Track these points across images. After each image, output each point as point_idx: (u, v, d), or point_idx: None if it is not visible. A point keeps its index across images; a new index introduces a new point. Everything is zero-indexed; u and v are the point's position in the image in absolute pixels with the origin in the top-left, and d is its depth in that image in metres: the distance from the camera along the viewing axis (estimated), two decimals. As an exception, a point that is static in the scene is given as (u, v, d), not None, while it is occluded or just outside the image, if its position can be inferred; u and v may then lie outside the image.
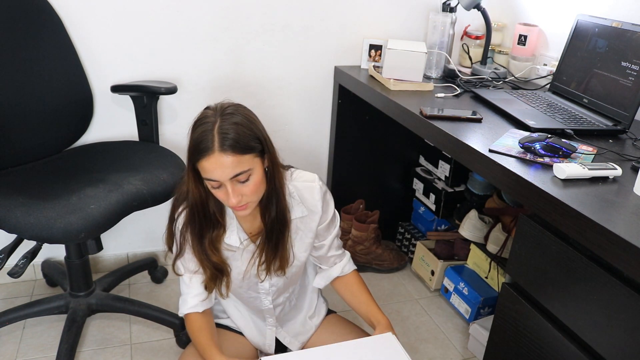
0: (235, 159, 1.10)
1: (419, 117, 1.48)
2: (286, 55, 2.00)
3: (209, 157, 1.10)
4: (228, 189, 1.12)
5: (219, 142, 1.09)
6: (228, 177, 1.11)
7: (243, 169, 1.12)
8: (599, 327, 0.96)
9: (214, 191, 1.16)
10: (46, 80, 1.64)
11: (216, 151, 1.09)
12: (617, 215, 0.95)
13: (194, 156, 1.13)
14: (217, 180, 1.12)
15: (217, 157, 1.09)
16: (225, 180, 1.12)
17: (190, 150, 1.14)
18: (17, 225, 1.29)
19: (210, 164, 1.10)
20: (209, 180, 1.14)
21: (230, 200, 1.13)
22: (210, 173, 1.11)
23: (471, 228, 1.83)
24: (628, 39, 1.45)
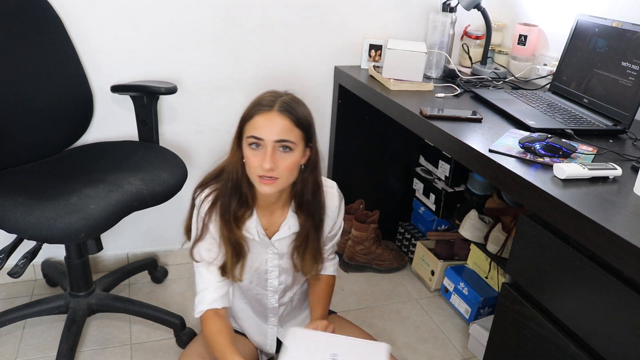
0: (289, 125, 1.15)
1: (419, 117, 1.48)
2: (286, 55, 2.00)
3: (265, 113, 1.14)
4: (267, 151, 1.14)
5: (280, 105, 1.15)
6: (274, 137, 1.14)
7: (290, 138, 1.15)
8: (599, 327, 0.96)
9: (251, 153, 1.17)
10: (46, 80, 1.63)
11: (274, 110, 1.14)
12: (617, 215, 0.95)
13: (248, 114, 1.16)
14: (263, 138, 1.14)
15: (274, 115, 1.14)
16: (269, 141, 1.14)
17: (246, 111, 1.17)
18: (17, 225, 1.29)
19: (264, 120, 1.14)
20: (254, 137, 1.15)
21: (265, 163, 1.14)
22: (260, 129, 1.14)
23: (471, 228, 1.83)
24: (628, 39, 1.45)
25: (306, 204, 1.27)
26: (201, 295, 1.29)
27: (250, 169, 1.18)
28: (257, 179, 1.18)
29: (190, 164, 2.03)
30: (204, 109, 1.98)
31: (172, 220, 2.11)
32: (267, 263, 1.32)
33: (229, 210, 1.23)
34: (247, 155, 1.17)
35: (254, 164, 1.16)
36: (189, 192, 2.03)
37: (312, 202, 1.27)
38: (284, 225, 1.29)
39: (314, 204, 1.28)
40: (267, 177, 1.16)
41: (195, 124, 1.99)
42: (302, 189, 1.25)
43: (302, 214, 1.28)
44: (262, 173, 1.15)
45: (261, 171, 1.15)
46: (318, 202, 1.29)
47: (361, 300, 2.02)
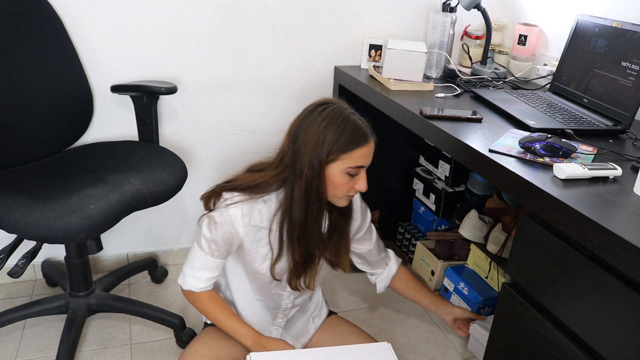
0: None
1: (419, 117, 1.48)
2: (286, 55, 2.00)
3: (367, 145, 1.22)
4: (364, 176, 1.23)
5: (371, 131, 1.23)
6: (370, 162, 1.24)
7: None
8: (599, 327, 0.96)
9: (343, 182, 1.22)
10: (46, 81, 1.64)
11: (371, 139, 1.23)
12: (617, 215, 0.95)
13: (349, 145, 1.19)
14: (365, 166, 1.23)
15: (372, 144, 1.23)
16: (366, 167, 1.23)
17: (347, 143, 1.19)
18: (17, 225, 1.29)
19: (367, 151, 1.22)
20: (357, 167, 1.21)
21: (363, 186, 1.23)
22: (363, 159, 1.22)
23: (471, 228, 1.83)
24: (628, 39, 1.45)
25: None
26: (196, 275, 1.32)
27: (339, 191, 1.24)
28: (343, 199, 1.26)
29: (190, 164, 2.03)
30: (204, 109, 1.98)
31: (172, 220, 2.11)
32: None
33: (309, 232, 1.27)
34: (341, 182, 1.22)
35: (347, 187, 1.23)
36: (189, 192, 2.05)
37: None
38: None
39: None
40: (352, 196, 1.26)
41: (195, 124, 1.99)
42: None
43: (335, 211, 1.34)
44: (354, 194, 1.26)
45: (354, 192, 1.25)
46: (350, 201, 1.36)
47: (361, 300, 2.02)
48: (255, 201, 1.26)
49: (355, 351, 1.26)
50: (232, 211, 1.25)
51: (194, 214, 2.13)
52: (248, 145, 2.08)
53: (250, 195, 1.26)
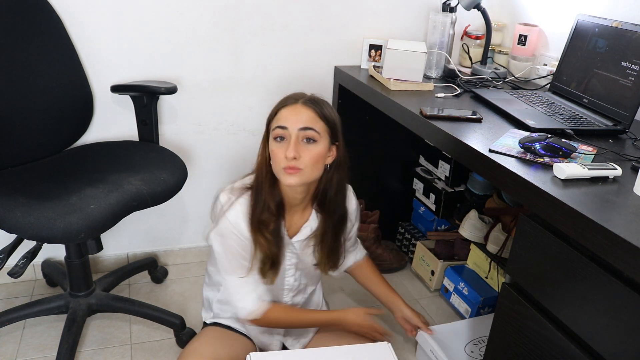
0: (313, 115, 1.19)
1: (419, 117, 1.48)
2: (286, 55, 2.00)
3: (290, 106, 1.20)
4: (291, 141, 1.17)
5: (306, 99, 1.21)
6: (298, 126, 1.18)
7: (314, 126, 1.19)
8: (599, 327, 0.96)
9: (276, 147, 1.19)
10: (46, 80, 1.64)
11: (299, 103, 1.20)
12: (617, 215, 0.95)
13: (274, 110, 1.21)
14: (287, 127, 1.18)
15: (298, 106, 1.20)
16: (293, 130, 1.17)
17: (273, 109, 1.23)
18: (17, 225, 1.29)
19: (289, 111, 1.19)
20: (279, 127, 1.18)
21: (289, 151, 1.16)
22: (284, 119, 1.18)
23: (471, 228, 1.83)
24: (628, 39, 1.45)
25: (328, 202, 1.30)
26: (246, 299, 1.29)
27: (276, 162, 1.20)
28: (282, 172, 1.19)
29: (190, 164, 2.03)
30: (204, 109, 1.98)
31: (172, 220, 2.11)
32: (285, 261, 1.33)
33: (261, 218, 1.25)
34: (273, 150, 1.20)
35: (279, 156, 1.19)
36: (189, 192, 2.05)
37: (334, 200, 1.30)
38: (306, 226, 1.32)
39: (336, 202, 1.31)
40: (291, 168, 1.17)
41: (195, 124, 1.99)
42: (326, 188, 1.28)
43: (323, 212, 1.31)
44: (286, 164, 1.17)
45: (285, 162, 1.17)
46: (340, 202, 1.33)
47: (361, 300, 2.01)
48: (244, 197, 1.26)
49: (355, 351, 1.26)
50: (231, 215, 1.24)
51: (194, 214, 2.13)
52: (248, 145, 2.08)
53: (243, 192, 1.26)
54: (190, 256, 2.18)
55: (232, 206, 1.25)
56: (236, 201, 1.25)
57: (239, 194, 1.27)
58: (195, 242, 2.18)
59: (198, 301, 1.94)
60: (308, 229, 1.32)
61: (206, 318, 1.49)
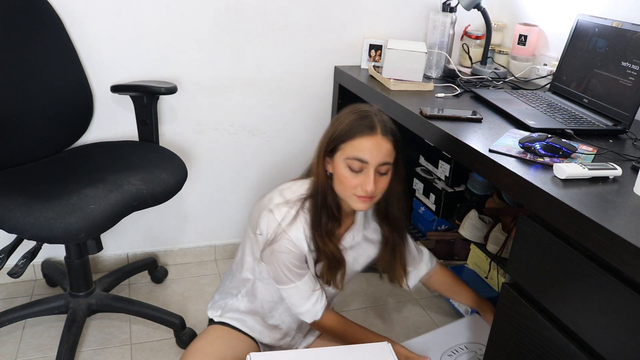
0: (391, 148, 1.16)
1: (419, 117, 1.48)
2: (286, 55, 2.00)
3: (370, 137, 1.13)
4: (370, 174, 1.14)
5: (383, 127, 1.15)
6: (379, 161, 1.14)
7: (390, 160, 1.17)
8: (599, 327, 0.96)
9: (347, 176, 1.16)
10: (46, 80, 1.64)
11: (379, 133, 1.14)
12: (617, 215, 0.95)
13: (348, 133, 1.14)
14: (367, 161, 1.14)
15: (379, 139, 1.14)
16: (373, 164, 1.14)
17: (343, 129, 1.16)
18: (17, 225, 1.29)
19: (370, 143, 1.13)
20: (358, 159, 1.14)
21: (369, 185, 1.14)
22: (364, 152, 1.13)
23: (471, 228, 1.83)
24: (628, 39, 1.45)
25: (391, 216, 1.28)
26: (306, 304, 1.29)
27: (347, 188, 1.18)
28: (353, 197, 1.19)
29: (190, 164, 2.03)
30: (204, 109, 1.98)
31: (172, 220, 2.12)
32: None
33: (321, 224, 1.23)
34: (344, 174, 1.16)
35: (352, 184, 1.16)
36: (189, 192, 2.05)
37: (397, 214, 1.29)
38: (349, 234, 1.31)
39: (399, 216, 1.29)
40: (367, 197, 1.17)
41: (195, 124, 1.99)
42: (387, 203, 1.26)
43: (386, 226, 1.30)
44: (362, 194, 1.16)
45: (362, 192, 1.16)
46: (402, 215, 1.30)
47: (361, 300, 2.02)
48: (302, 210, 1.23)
49: (355, 351, 1.26)
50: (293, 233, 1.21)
51: (194, 214, 2.13)
52: (248, 145, 2.08)
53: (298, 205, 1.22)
54: (190, 256, 2.18)
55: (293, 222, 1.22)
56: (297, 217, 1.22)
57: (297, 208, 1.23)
58: (195, 242, 2.18)
59: (198, 301, 1.94)
60: (351, 237, 1.32)
61: (213, 315, 1.48)
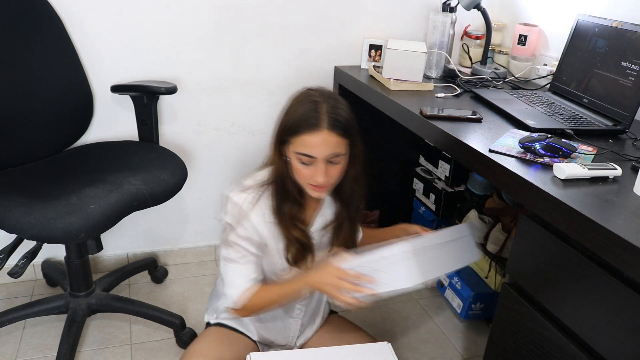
0: (338, 140, 1.16)
1: (419, 117, 1.48)
2: (286, 55, 2.00)
3: (316, 133, 1.14)
4: (320, 167, 1.16)
5: (329, 121, 1.14)
6: (326, 155, 1.15)
7: (341, 151, 1.17)
8: (599, 327, 0.96)
9: (299, 167, 1.17)
10: (46, 80, 1.64)
11: (325, 129, 1.14)
12: (617, 215, 0.95)
13: (295, 129, 1.15)
14: (315, 157, 1.15)
15: (325, 134, 1.14)
16: (321, 159, 1.15)
17: (290, 123, 1.16)
18: (17, 225, 1.29)
19: (315, 139, 1.14)
20: (305, 155, 1.15)
21: (319, 177, 1.16)
22: (311, 148, 1.14)
23: (471, 228, 1.83)
24: (628, 39, 1.45)
25: (342, 194, 1.30)
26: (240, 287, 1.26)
27: (301, 178, 1.20)
28: (308, 187, 1.20)
29: (190, 164, 2.03)
30: (204, 109, 1.98)
31: (172, 220, 2.12)
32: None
33: (284, 212, 1.24)
34: (297, 167, 1.18)
35: (305, 174, 1.18)
36: (189, 192, 2.05)
37: (350, 193, 1.30)
38: (320, 216, 1.31)
39: (352, 194, 1.30)
40: (320, 186, 1.19)
41: (195, 124, 1.99)
42: (341, 183, 1.27)
43: (338, 203, 1.31)
44: (315, 183, 1.18)
45: (314, 181, 1.18)
46: (357, 193, 1.31)
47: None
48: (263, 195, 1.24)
49: (355, 351, 1.26)
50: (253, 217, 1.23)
51: (194, 214, 2.13)
52: (248, 145, 2.08)
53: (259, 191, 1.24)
54: (190, 256, 2.18)
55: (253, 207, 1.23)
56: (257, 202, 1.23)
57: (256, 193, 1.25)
58: (195, 242, 2.18)
59: (198, 301, 1.94)
60: (322, 219, 1.32)
61: (209, 318, 1.49)
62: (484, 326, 1.91)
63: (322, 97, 1.18)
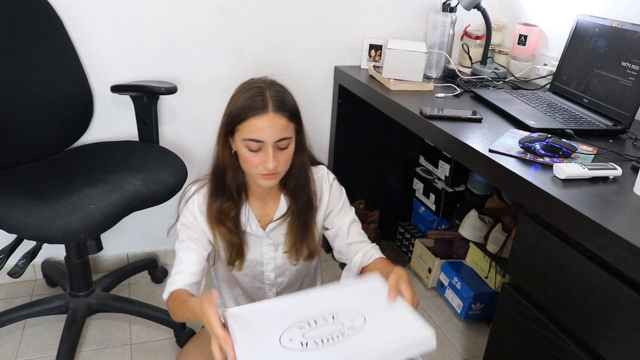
0: (286, 123, 1.15)
1: (419, 117, 1.48)
2: (286, 55, 2.00)
3: (262, 116, 1.13)
4: (269, 152, 1.14)
5: (274, 104, 1.14)
6: (275, 138, 1.14)
7: (288, 134, 1.16)
8: (599, 327, 0.96)
9: (248, 155, 1.15)
10: (46, 81, 1.64)
11: (270, 111, 1.13)
12: (617, 215, 0.95)
13: (241, 115, 1.14)
14: (263, 140, 1.13)
15: (271, 117, 1.13)
16: (270, 142, 1.14)
17: (236, 110, 1.16)
18: (17, 225, 1.29)
19: (263, 122, 1.12)
20: (253, 140, 1.13)
21: (269, 163, 1.14)
22: (259, 132, 1.13)
23: (471, 228, 1.83)
24: (628, 39, 1.45)
25: (291, 187, 1.26)
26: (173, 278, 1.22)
27: (250, 167, 1.18)
28: (258, 177, 1.18)
29: (190, 164, 2.02)
30: (204, 109, 1.98)
31: (172, 220, 2.10)
32: (262, 255, 1.31)
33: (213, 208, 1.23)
34: (245, 155, 1.16)
35: (254, 163, 1.16)
36: (189, 192, 2.04)
37: (296, 184, 1.26)
38: (277, 213, 1.29)
39: (298, 186, 1.26)
40: (270, 174, 1.16)
41: (195, 124, 1.99)
42: (288, 174, 1.24)
43: (288, 196, 1.28)
44: (265, 172, 1.16)
45: (264, 170, 1.16)
46: (303, 185, 1.27)
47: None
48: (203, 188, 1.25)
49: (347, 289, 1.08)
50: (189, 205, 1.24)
51: (194, 214, 2.13)
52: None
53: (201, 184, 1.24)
54: (190, 256, 2.18)
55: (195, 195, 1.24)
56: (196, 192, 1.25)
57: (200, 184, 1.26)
58: (195, 242, 2.18)
59: (198, 301, 1.94)
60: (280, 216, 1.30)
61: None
62: (484, 326, 1.91)
63: (265, 84, 1.19)
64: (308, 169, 1.28)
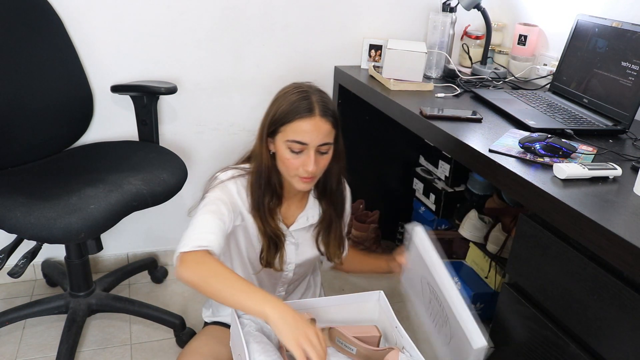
0: (329, 128, 1.17)
1: (419, 117, 1.48)
2: (286, 55, 2.00)
3: (309, 119, 1.14)
4: (311, 155, 1.16)
5: (320, 108, 1.16)
6: (318, 142, 1.16)
7: (330, 140, 1.19)
8: (599, 327, 0.96)
9: (289, 157, 1.17)
10: (46, 80, 1.64)
11: (317, 115, 1.15)
12: (617, 215, 0.95)
13: (287, 117, 1.16)
14: (307, 143, 1.15)
15: (317, 121, 1.15)
16: (313, 146, 1.16)
17: (281, 112, 1.17)
18: (17, 225, 1.29)
19: (308, 125, 1.14)
20: (297, 142, 1.15)
21: (310, 166, 1.16)
22: (304, 134, 1.15)
23: (471, 228, 1.83)
24: (628, 39, 1.45)
25: (329, 192, 1.30)
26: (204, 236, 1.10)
27: (289, 169, 1.20)
28: (296, 179, 1.21)
29: (190, 164, 2.03)
30: (204, 109, 1.98)
31: (172, 220, 2.11)
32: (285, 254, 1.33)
33: (264, 203, 1.24)
34: (286, 157, 1.18)
35: (294, 165, 1.18)
36: (189, 192, 2.04)
37: (335, 191, 1.31)
38: (302, 216, 1.32)
39: (337, 193, 1.31)
40: (308, 178, 1.19)
41: (195, 124, 1.99)
42: (326, 179, 1.28)
43: (324, 202, 1.31)
44: (304, 175, 1.18)
45: (303, 173, 1.18)
46: (340, 191, 1.32)
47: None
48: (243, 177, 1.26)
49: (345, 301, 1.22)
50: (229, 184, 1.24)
51: (194, 214, 2.13)
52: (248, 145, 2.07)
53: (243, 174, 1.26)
54: (190, 256, 2.18)
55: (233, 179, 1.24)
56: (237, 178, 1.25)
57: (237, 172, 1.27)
58: (195, 242, 2.18)
59: (198, 301, 1.94)
60: (304, 219, 1.32)
61: (206, 316, 1.49)
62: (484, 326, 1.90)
63: (310, 89, 1.20)
64: (343, 177, 1.33)
